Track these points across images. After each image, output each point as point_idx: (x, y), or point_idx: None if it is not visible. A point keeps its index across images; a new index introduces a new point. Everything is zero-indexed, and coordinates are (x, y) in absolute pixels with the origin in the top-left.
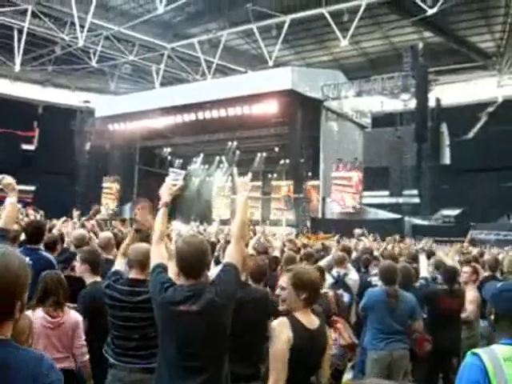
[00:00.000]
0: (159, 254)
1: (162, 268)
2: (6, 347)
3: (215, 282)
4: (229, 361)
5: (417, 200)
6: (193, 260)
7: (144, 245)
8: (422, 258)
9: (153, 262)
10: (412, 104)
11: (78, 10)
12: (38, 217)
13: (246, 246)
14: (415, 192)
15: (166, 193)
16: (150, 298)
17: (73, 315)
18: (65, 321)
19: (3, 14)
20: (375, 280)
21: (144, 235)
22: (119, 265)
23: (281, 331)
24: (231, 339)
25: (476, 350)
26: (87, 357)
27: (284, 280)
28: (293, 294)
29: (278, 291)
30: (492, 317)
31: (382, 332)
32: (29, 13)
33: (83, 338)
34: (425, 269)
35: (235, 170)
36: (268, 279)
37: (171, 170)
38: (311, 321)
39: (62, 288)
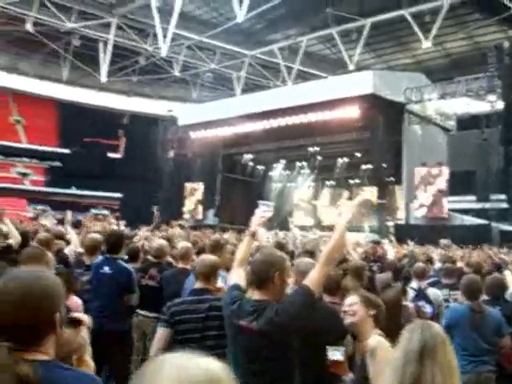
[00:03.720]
0: (238, 276)
1: (238, 287)
2: (51, 368)
3: (281, 301)
4: (303, 381)
5: (505, 205)
6: (257, 271)
7: (209, 257)
8: (507, 273)
9: (231, 283)
10: (499, 105)
11: (160, 21)
12: (122, 226)
13: None
14: (503, 197)
15: (255, 223)
16: (215, 305)
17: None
18: None
19: (88, 28)
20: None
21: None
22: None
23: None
24: (304, 359)
25: None
26: None
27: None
28: (362, 309)
29: (344, 307)
30: None
31: (467, 353)
32: (113, 26)
33: None
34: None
35: (346, 193)
36: None
37: (261, 202)
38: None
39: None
